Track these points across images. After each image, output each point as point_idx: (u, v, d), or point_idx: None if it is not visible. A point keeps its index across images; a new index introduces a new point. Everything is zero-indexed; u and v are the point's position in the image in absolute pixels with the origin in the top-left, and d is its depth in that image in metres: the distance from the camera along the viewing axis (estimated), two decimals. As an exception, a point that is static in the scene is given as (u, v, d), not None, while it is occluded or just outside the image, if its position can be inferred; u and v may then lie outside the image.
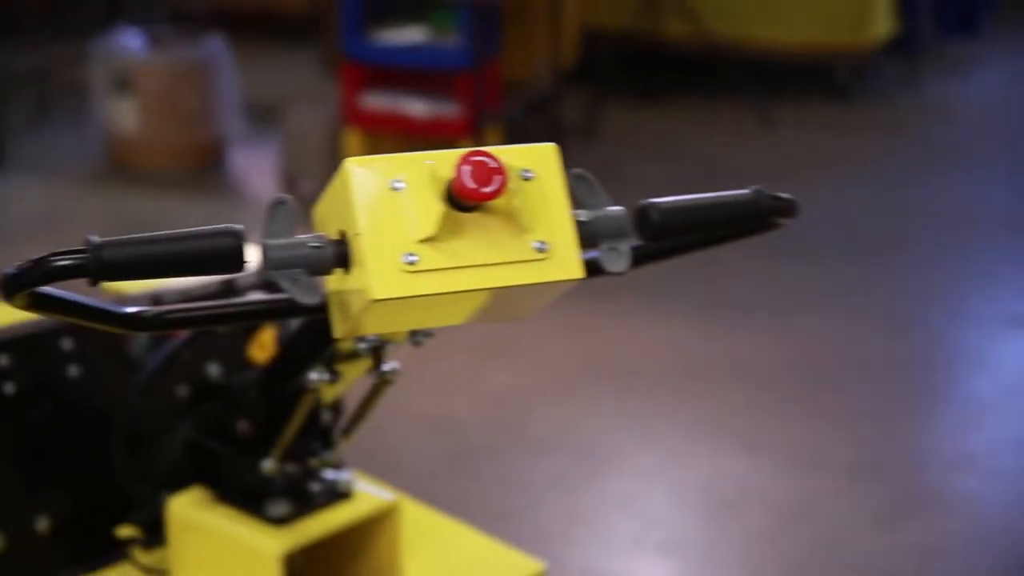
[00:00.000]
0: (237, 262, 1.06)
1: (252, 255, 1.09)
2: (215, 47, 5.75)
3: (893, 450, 3.56)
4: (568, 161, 1.09)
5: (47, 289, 1.09)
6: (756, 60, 6.85)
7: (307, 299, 1.04)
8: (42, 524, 1.72)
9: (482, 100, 5.09)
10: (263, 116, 6.07)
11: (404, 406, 3.36)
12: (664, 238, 1.18)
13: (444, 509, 2.01)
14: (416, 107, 5.15)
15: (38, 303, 1.09)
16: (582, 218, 1.11)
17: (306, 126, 5.36)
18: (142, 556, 1.74)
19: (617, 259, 1.12)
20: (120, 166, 5.67)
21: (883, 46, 6.96)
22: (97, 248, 1.04)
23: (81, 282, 1.06)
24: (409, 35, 5.17)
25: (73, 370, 1.73)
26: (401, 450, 3.41)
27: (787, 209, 1.28)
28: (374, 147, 5.16)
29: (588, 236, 1.11)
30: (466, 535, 1.95)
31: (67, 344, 1.73)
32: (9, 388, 1.68)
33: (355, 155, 4.59)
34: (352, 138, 5.20)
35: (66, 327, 1.72)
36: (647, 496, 3.29)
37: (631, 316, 4.31)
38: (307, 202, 1.09)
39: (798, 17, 6.75)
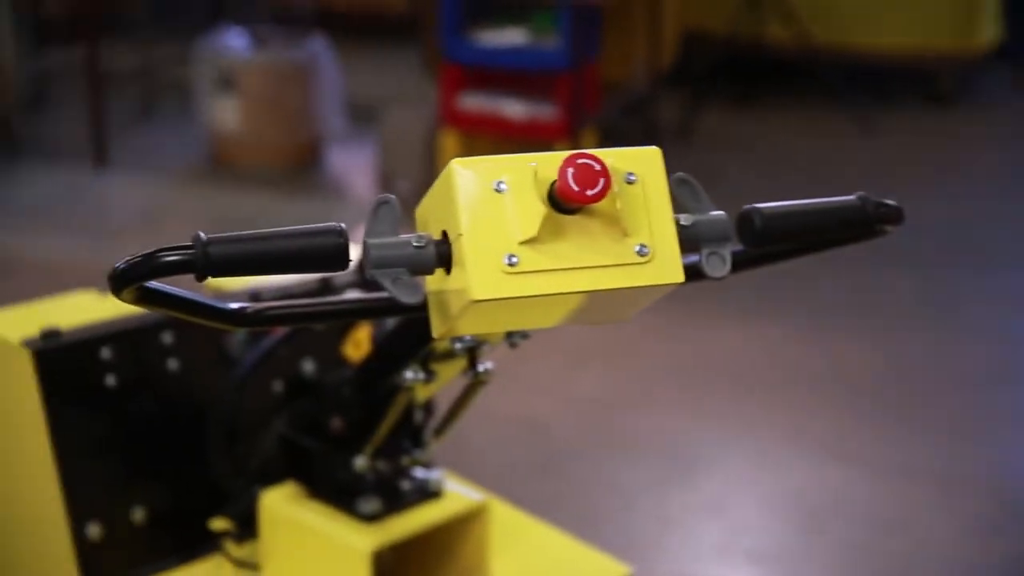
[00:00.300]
0: (341, 260, 1.07)
1: (354, 253, 1.09)
2: (318, 47, 5.81)
3: (987, 462, 3.48)
4: (664, 164, 1.08)
5: (154, 284, 1.10)
6: (857, 65, 6.76)
7: (408, 298, 1.04)
8: (138, 515, 1.75)
9: (580, 102, 5.08)
10: (362, 116, 6.12)
11: (493, 407, 3.36)
12: (766, 244, 1.17)
13: (531, 511, 2.01)
14: (513, 108, 5.16)
15: (145, 298, 1.11)
16: (684, 222, 1.10)
17: (403, 126, 5.39)
18: (234, 549, 1.76)
19: (718, 264, 1.11)
20: (221, 164, 5.76)
21: (988, 52, 6.82)
22: (204, 244, 1.05)
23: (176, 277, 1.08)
24: (509, 36, 5.18)
25: (173, 364, 1.76)
26: (489, 451, 3.41)
27: (893, 216, 1.25)
28: (470, 148, 5.18)
29: (689, 240, 1.10)
30: (553, 537, 1.94)
31: (168, 338, 1.75)
32: (111, 380, 1.71)
33: (451, 156, 4.56)
34: (449, 139, 5.22)
35: (167, 322, 1.74)
36: (737, 503, 3.26)
37: (724, 320, 4.27)
38: (404, 201, 1.09)
39: (901, 22, 6.64)
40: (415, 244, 1.06)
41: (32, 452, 1.70)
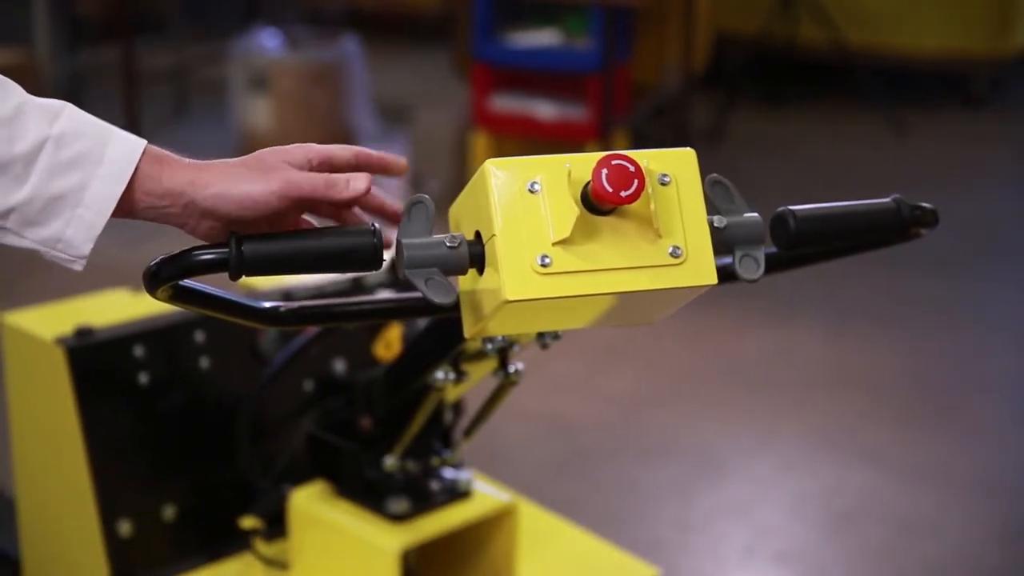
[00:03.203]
0: (375, 260, 1.07)
1: (387, 253, 1.09)
2: (350, 48, 5.82)
3: (1013, 466, 3.46)
4: (698, 165, 1.08)
5: (188, 283, 1.11)
6: (890, 67, 6.72)
7: (441, 299, 1.04)
8: (168, 512, 1.75)
9: (611, 104, 5.08)
10: (393, 116, 6.13)
11: (519, 407, 3.36)
12: (800, 246, 1.16)
13: (557, 511, 2.01)
14: (544, 110, 5.15)
15: (179, 296, 1.12)
16: (717, 224, 1.09)
17: (434, 127, 5.39)
18: (263, 547, 1.76)
19: (751, 266, 1.10)
20: (253, 162, 5.77)
21: (1022, 55, 6.77)
22: (239, 243, 1.05)
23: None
24: (540, 37, 5.18)
25: (204, 362, 1.77)
26: (516, 451, 3.41)
27: (928, 219, 1.24)
28: (500, 149, 5.18)
29: (723, 242, 1.09)
30: (580, 538, 1.94)
31: (200, 337, 1.76)
32: (143, 378, 1.72)
33: (482, 156, 4.57)
34: (479, 139, 5.22)
35: (200, 320, 1.75)
36: (763, 505, 3.24)
37: (752, 322, 4.25)
38: (434, 201, 1.09)
39: (934, 24, 6.60)
40: (448, 244, 1.06)
41: (64, 449, 1.71)
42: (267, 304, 1.22)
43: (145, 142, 1.09)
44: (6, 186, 1.05)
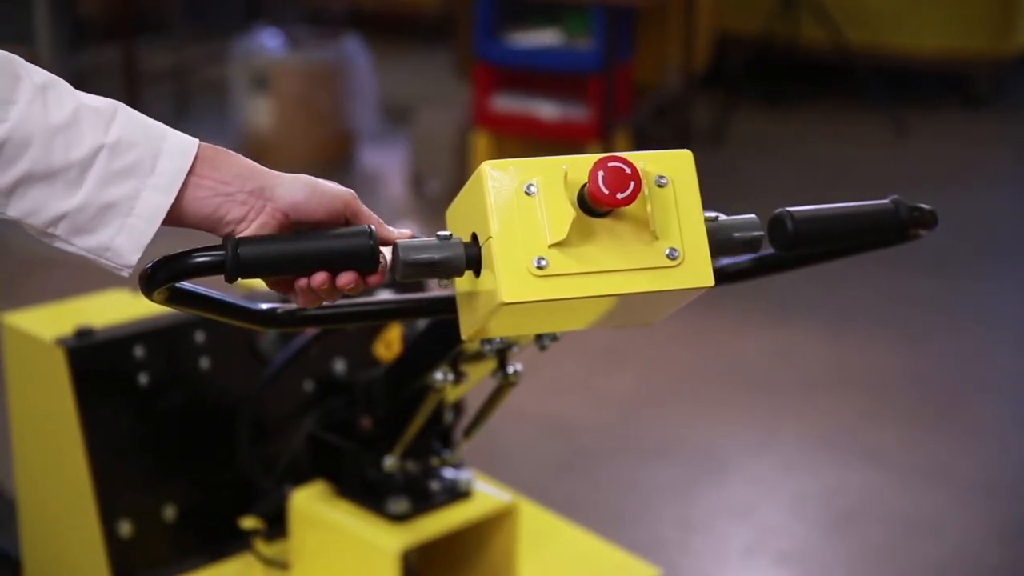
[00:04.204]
0: (371, 261, 1.07)
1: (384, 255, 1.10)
2: (351, 47, 5.83)
3: (1013, 466, 3.46)
4: (696, 167, 1.08)
5: (185, 285, 1.11)
6: (891, 67, 6.71)
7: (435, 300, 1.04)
8: (169, 513, 1.76)
9: (612, 104, 5.08)
10: (394, 116, 6.13)
11: (519, 407, 3.36)
12: (798, 247, 1.16)
13: (558, 511, 2.01)
14: (545, 110, 5.15)
15: (176, 298, 1.12)
16: (714, 225, 1.09)
17: (435, 127, 5.40)
18: (264, 548, 1.76)
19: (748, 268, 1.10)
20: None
21: (1023, 56, 6.77)
22: (235, 246, 1.05)
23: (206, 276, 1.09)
24: (542, 37, 5.18)
25: (204, 363, 1.77)
26: (516, 451, 3.41)
27: (927, 220, 1.25)
28: (501, 149, 5.18)
29: (720, 244, 1.09)
30: (581, 538, 1.94)
31: (200, 337, 1.76)
32: (143, 379, 1.72)
33: (483, 156, 4.56)
34: (480, 139, 5.23)
35: (199, 321, 1.75)
36: (764, 505, 3.25)
37: (752, 322, 4.25)
38: (434, 202, 1.09)
39: (936, 24, 6.60)
40: (445, 246, 1.06)
41: (65, 449, 1.72)
42: (264, 306, 1.22)
43: (199, 143, 1.10)
44: (59, 192, 1.05)
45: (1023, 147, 6.31)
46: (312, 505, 1.71)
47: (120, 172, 1.06)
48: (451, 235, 1.07)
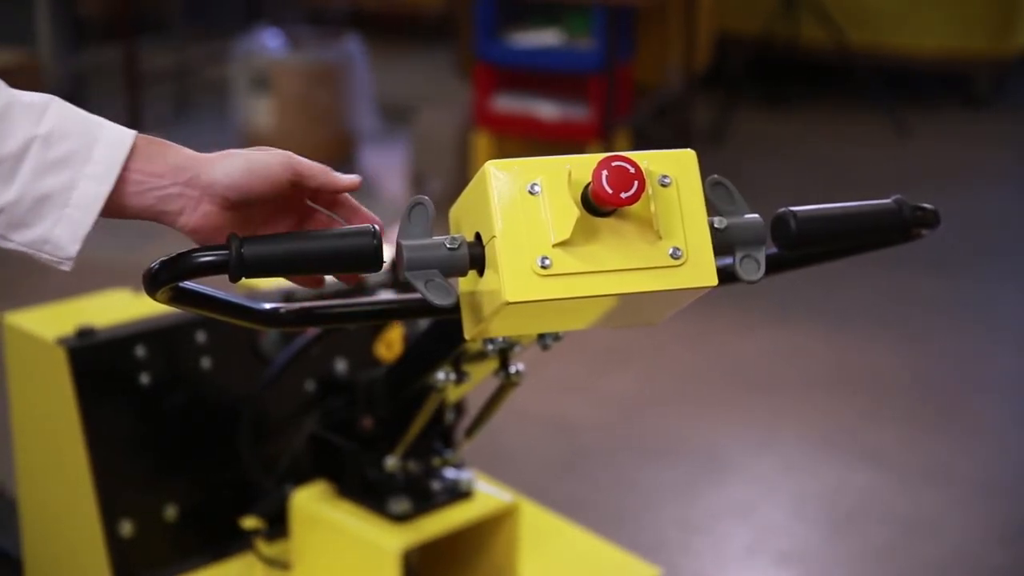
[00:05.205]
0: (375, 262, 1.07)
1: (387, 254, 1.09)
2: (351, 48, 5.83)
3: (1013, 466, 3.46)
4: (698, 166, 1.08)
5: (188, 284, 1.11)
6: (892, 67, 6.71)
7: (441, 300, 1.04)
8: (170, 512, 1.76)
9: (613, 104, 5.08)
10: (395, 116, 6.13)
11: (521, 407, 3.36)
12: (801, 247, 1.16)
13: (559, 511, 2.01)
14: (546, 110, 5.15)
15: (179, 298, 1.12)
16: (718, 225, 1.09)
17: (436, 127, 5.39)
18: (265, 548, 1.76)
19: (752, 267, 1.10)
20: (254, 162, 5.77)
21: (1024, 56, 6.77)
22: (239, 245, 1.05)
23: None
24: (542, 37, 5.17)
25: (206, 363, 1.77)
26: (517, 451, 3.41)
27: (929, 220, 1.24)
28: (502, 149, 5.18)
29: (723, 243, 1.09)
30: (582, 538, 1.94)
31: (201, 337, 1.76)
32: (145, 379, 1.72)
33: (484, 157, 4.55)
34: (481, 139, 5.22)
35: (201, 320, 1.75)
36: (765, 505, 3.25)
37: (752, 322, 4.25)
38: (435, 202, 1.09)
39: (936, 24, 6.60)
40: (448, 246, 1.06)
41: (66, 449, 1.72)
42: (267, 305, 1.22)
43: (135, 134, 1.09)
44: None
45: (1023, 147, 6.31)
46: (313, 505, 1.71)
47: (55, 163, 1.05)
48: (455, 235, 1.07)
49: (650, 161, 1.05)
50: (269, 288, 1.83)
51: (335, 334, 1.80)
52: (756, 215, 1.11)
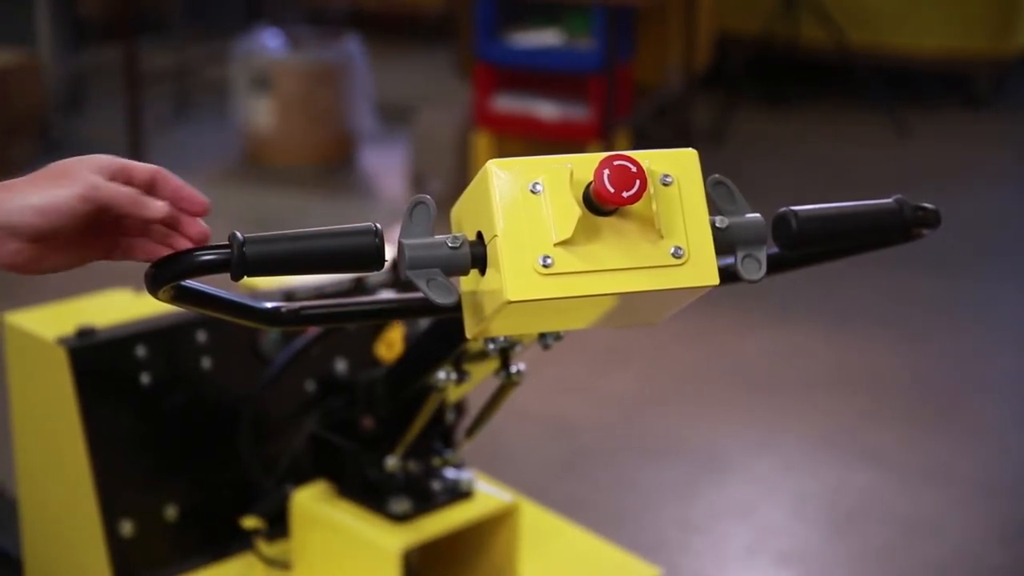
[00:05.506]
0: (377, 261, 1.07)
1: (389, 254, 1.09)
2: (351, 48, 5.83)
3: (1013, 466, 3.46)
4: (700, 166, 1.08)
5: (190, 283, 1.11)
6: (892, 67, 6.72)
7: (443, 299, 1.04)
8: (170, 512, 1.75)
9: (613, 104, 5.08)
10: (395, 116, 6.13)
11: (521, 407, 3.36)
12: (802, 246, 1.16)
13: (559, 511, 2.01)
14: (546, 110, 5.15)
15: (181, 297, 1.12)
16: (719, 224, 1.10)
17: (436, 127, 5.40)
18: (265, 548, 1.76)
19: (753, 267, 1.10)
20: (255, 164, 5.78)
21: (1024, 56, 6.77)
22: (241, 244, 1.05)
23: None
24: (542, 37, 5.18)
25: (206, 363, 1.77)
26: (518, 451, 3.41)
27: (930, 220, 1.24)
28: (502, 149, 5.18)
29: (725, 243, 1.09)
30: (582, 538, 1.94)
31: (202, 337, 1.76)
32: (145, 379, 1.72)
33: (484, 157, 4.56)
34: (481, 139, 5.23)
35: (201, 320, 1.75)
36: (765, 505, 3.25)
37: (753, 322, 4.25)
38: (435, 202, 1.09)
39: (936, 24, 6.60)
40: (450, 245, 1.06)
41: (66, 449, 1.71)
42: (269, 304, 1.22)
43: None
44: None
45: (1023, 147, 6.31)
46: (313, 505, 1.71)
47: None
48: (456, 234, 1.07)
49: (652, 160, 1.06)
50: (269, 288, 1.83)
51: (335, 334, 1.80)
52: (757, 215, 1.12)
